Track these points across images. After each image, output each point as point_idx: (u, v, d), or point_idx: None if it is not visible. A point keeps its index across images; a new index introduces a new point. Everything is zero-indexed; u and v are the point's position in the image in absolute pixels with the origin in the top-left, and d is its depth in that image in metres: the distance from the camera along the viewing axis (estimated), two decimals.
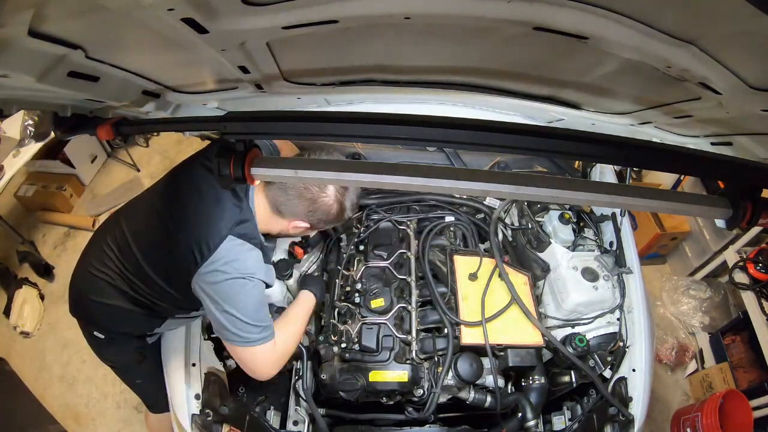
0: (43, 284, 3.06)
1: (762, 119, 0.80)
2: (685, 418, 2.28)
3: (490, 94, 1.16)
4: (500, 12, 0.69)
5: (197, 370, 1.44)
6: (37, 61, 0.78)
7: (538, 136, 0.79)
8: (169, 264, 1.25)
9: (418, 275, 1.67)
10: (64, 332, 2.83)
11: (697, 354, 2.73)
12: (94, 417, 2.56)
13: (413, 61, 1.04)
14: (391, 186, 0.91)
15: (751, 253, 2.47)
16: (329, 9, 0.72)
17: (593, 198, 0.87)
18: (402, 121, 0.84)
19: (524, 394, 1.49)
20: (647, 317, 1.58)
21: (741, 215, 0.83)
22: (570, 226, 1.74)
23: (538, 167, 1.99)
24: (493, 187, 0.86)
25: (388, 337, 1.48)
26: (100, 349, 1.53)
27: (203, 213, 1.21)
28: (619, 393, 1.46)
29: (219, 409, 1.37)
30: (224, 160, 0.99)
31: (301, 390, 1.53)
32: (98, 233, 1.44)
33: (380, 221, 1.82)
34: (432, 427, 1.51)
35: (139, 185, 3.58)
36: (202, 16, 0.71)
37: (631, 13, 0.65)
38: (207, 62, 0.95)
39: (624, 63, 0.82)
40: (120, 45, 0.87)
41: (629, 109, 1.10)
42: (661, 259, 3.17)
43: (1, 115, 0.98)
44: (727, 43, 0.66)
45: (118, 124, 1.12)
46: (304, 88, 1.15)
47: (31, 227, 3.39)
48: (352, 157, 1.95)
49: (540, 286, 1.70)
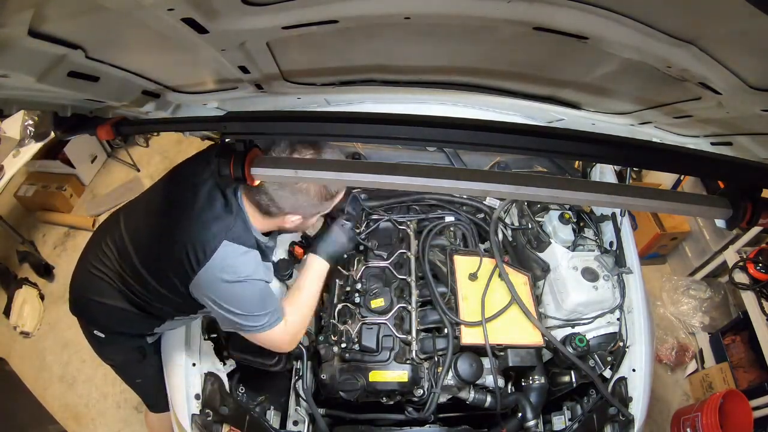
0: (43, 284, 3.06)
1: (762, 119, 0.80)
2: (685, 418, 2.28)
3: (490, 94, 1.16)
4: (500, 12, 0.69)
5: (197, 370, 1.44)
6: (37, 61, 0.78)
7: (538, 136, 0.79)
8: (165, 268, 1.24)
9: (418, 275, 1.67)
10: (64, 332, 2.83)
11: (697, 354, 2.73)
12: (94, 417, 2.56)
13: (413, 61, 1.04)
14: (391, 186, 0.91)
15: (751, 253, 2.47)
16: (329, 9, 0.72)
17: (593, 198, 0.87)
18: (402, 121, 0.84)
19: (524, 394, 1.49)
20: (647, 317, 1.58)
21: (741, 215, 0.83)
22: (570, 226, 1.74)
23: (538, 167, 1.99)
24: (493, 187, 0.86)
25: (388, 337, 1.48)
26: (101, 349, 1.53)
27: (198, 217, 1.20)
28: (619, 393, 1.46)
29: (219, 409, 1.37)
30: (224, 160, 0.99)
31: (301, 390, 1.53)
32: (98, 232, 1.44)
33: (380, 221, 1.82)
34: (432, 427, 1.51)
35: (139, 185, 3.57)
36: (202, 16, 0.71)
37: (631, 13, 0.65)
38: (207, 62, 0.94)
39: (624, 63, 0.82)
40: (120, 45, 0.87)
41: (629, 109, 1.10)
42: (661, 259, 3.17)
43: (1, 115, 0.99)
44: (727, 43, 0.66)
45: (118, 124, 1.12)
46: (304, 88, 1.15)
47: (31, 227, 3.39)
48: (352, 157, 1.95)
49: (540, 286, 1.70)
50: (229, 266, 1.18)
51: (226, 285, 1.18)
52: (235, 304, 1.20)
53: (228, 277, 1.18)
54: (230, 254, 1.19)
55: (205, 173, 1.26)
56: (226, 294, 1.20)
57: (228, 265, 1.18)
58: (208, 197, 1.22)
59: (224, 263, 1.18)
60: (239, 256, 1.20)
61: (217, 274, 1.17)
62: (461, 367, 1.45)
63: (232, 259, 1.19)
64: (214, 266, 1.17)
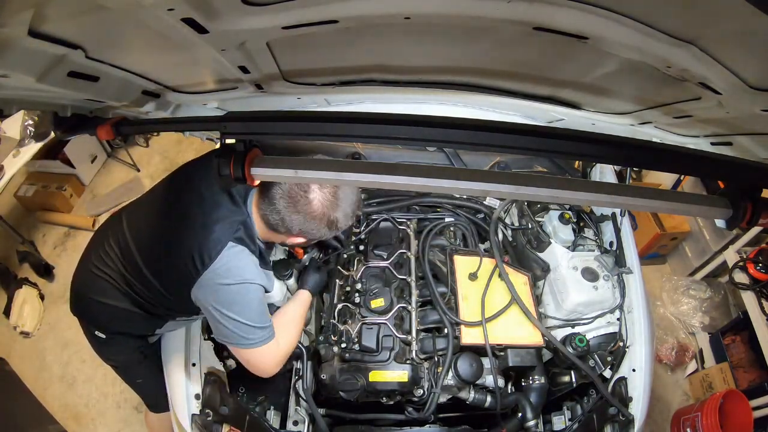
0: (43, 284, 3.06)
1: (762, 119, 0.80)
2: (685, 418, 2.28)
3: (490, 94, 1.16)
4: (500, 12, 0.69)
5: (197, 370, 1.44)
6: (37, 61, 0.78)
7: (538, 136, 0.79)
8: (168, 269, 1.24)
9: (418, 275, 1.67)
10: (64, 332, 2.83)
11: (697, 354, 2.73)
12: (94, 417, 2.56)
13: (413, 61, 1.04)
14: (391, 186, 0.91)
15: (751, 253, 2.47)
16: (329, 9, 0.72)
17: (593, 198, 0.87)
18: (402, 121, 0.84)
19: (524, 394, 1.49)
20: (647, 317, 1.58)
21: (741, 215, 0.82)
22: (570, 226, 1.74)
23: (538, 167, 1.99)
24: (493, 187, 0.85)
25: (388, 337, 1.48)
26: (101, 349, 1.53)
27: (203, 220, 1.20)
28: (619, 393, 1.45)
29: (219, 409, 1.37)
30: (224, 160, 0.99)
31: (301, 390, 1.53)
32: (101, 232, 1.44)
33: (380, 221, 1.82)
34: (432, 427, 1.51)
35: (139, 185, 3.57)
36: (202, 16, 0.71)
37: (631, 13, 0.65)
38: (207, 62, 0.95)
39: (624, 63, 0.82)
40: (120, 45, 0.87)
41: (629, 109, 1.10)
42: (661, 259, 3.17)
43: (1, 115, 0.99)
44: (727, 43, 0.66)
45: (118, 124, 1.12)
46: (304, 88, 1.15)
47: (31, 227, 3.39)
48: (352, 157, 1.95)
49: (540, 286, 1.70)
50: (232, 267, 1.19)
51: (227, 288, 1.18)
52: (234, 308, 1.19)
53: (230, 280, 1.18)
54: (234, 256, 1.19)
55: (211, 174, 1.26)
56: (226, 296, 1.19)
57: (231, 267, 1.18)
58: (213, 198, 1.23)
59: (228, 264, 1.18)
60: (243, 258, 1.21)
61: (220, 275, 1.18)
62: (461, 367, 1.45)
63: (236, 261, 1.19)
64: (217, 267, 1.17)
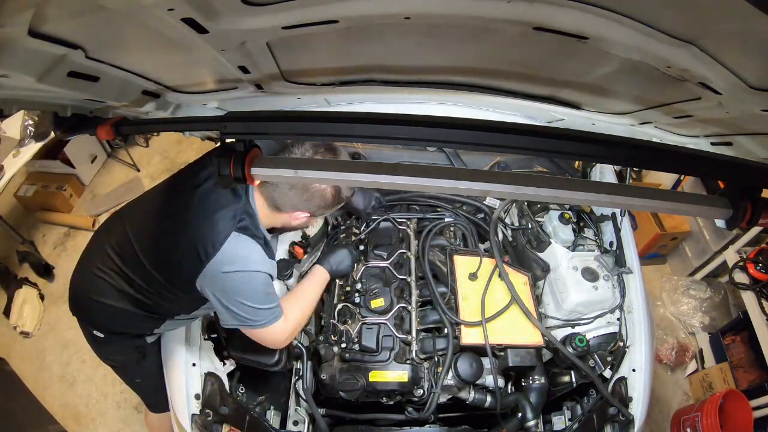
0: (43, 284, 3.06)
1: (762, 119, 0.80)
2: (685, 418, 2.28)
3: (490, 94, 1.16)
4: (500, 12, 0.69)
5: (197, 370, 1.44)
6: (37, 61, 0.78)
7: (538, 136, 0.79)
8: (172, 263, 1.26)
9: (418, 275, 1.67)
10: (64, 332, 2.83)
11: (697, 354, 2.73)
12: (94, 417, 2.56)
13: (413, 61, 1.04)
14: (391, 186, 0.91)
15: (751, 253, 2.47)
16: (329, 9, 0.72)
17: (593, 198, 0.87)
18: (402, 121, 0.84)
19: (524, 394, 1.49)
20: (647, 317, 1.58)
21: (741, 215, 0.82)
22: (570, 226, 1.75)
23: (538, 167, 1.99)
24: (493, 187, 0.86)
25: (388, 337, 1.48)
26: (100, 349, 1.53)
27: (206, 213, 1.22)
28: (619, 393, 1.46)
29: (219, 409, 1.37)
30: (224, 159, 0.99)
31: (301, 390, 1.53)
32: (100, 233, 1.44)
33: (380, 221, 1.82)
34: (432, 427, 1.51)
35: (139, 185, 3.57)
36: (202, 16, 0.71)
37: (631, 13, 0.65)
38: (207, 62, 0.94)
39: (624, 63, 0.82)
40: (120, 45, 0.87)
41: (629, 109, 1.10)
42: (661, 259, 3.17)
43: (1, 115, 0.99)
44: (727, 43, 0.66)
45: (118, 124, 1.12)
46: (304, 88, 1.15)
47: (31, 227, 3.39)
48: (352, 157, 1.95)
49: (540, 286, 1.70)
50: (237, 256, 1.20)
51: (233, 276, 1.20)
52: (240, 295, 1.21)
53: (236, 267, 1.20)
54: (239, 244, 1.21)
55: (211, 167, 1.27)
56: (232, 283, 1.21)
57: (236, 255, 1.20)
58: (218, 194, 1.24)
59: (233, 253, 1.19)
60: (247, 247, 1.22)
61: (226, 264, 1.19)
62: (461, 367, 1.45)
63: (240, 249, 1.21)
64: (222, 257, 1.19)
